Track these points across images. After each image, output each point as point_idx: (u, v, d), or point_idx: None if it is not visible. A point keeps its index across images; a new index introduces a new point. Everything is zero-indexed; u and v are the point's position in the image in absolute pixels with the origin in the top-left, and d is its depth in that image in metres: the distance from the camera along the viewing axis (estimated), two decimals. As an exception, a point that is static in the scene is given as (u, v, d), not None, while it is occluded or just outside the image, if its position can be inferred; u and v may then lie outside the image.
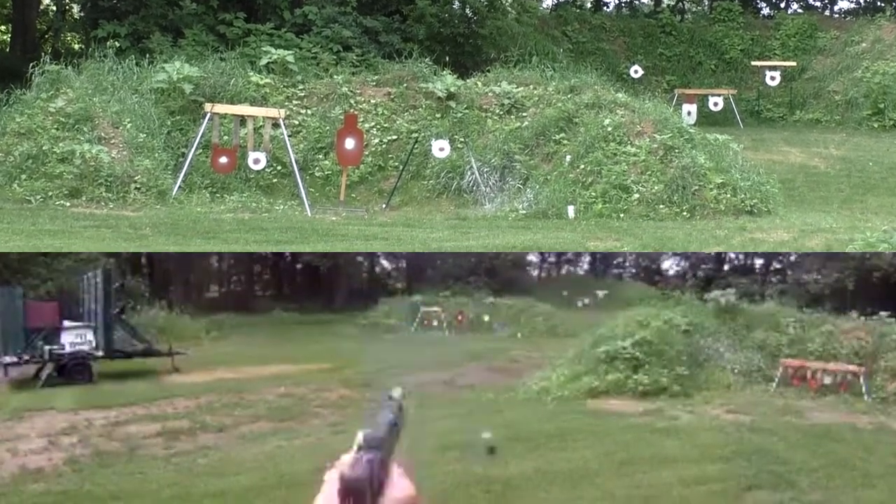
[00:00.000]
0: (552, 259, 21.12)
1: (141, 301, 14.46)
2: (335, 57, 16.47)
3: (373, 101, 14.32)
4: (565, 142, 12.91)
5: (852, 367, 8.50)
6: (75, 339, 9.59)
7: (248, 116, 12.53)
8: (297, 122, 13.81)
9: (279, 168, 13.02)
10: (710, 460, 5.94)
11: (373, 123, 14.06)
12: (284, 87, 14.30)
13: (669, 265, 20.30)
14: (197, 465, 5.90)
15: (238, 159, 12.20)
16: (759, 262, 19.29)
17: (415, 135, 13.58)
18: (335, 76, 14.80)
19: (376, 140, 13.78)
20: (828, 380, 8.50)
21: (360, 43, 17.67)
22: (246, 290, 18.80)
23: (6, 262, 10.81)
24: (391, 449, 1.12)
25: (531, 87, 14.39)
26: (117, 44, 15.03)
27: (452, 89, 14.20)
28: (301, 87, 14.46)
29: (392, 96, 14.42)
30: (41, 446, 6.37)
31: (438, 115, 14.09)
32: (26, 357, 9.38)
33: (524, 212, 11.55)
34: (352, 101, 14.25)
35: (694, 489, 5.23)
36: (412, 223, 10.89)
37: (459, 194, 12.79)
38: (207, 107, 12.39)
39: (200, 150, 12.40)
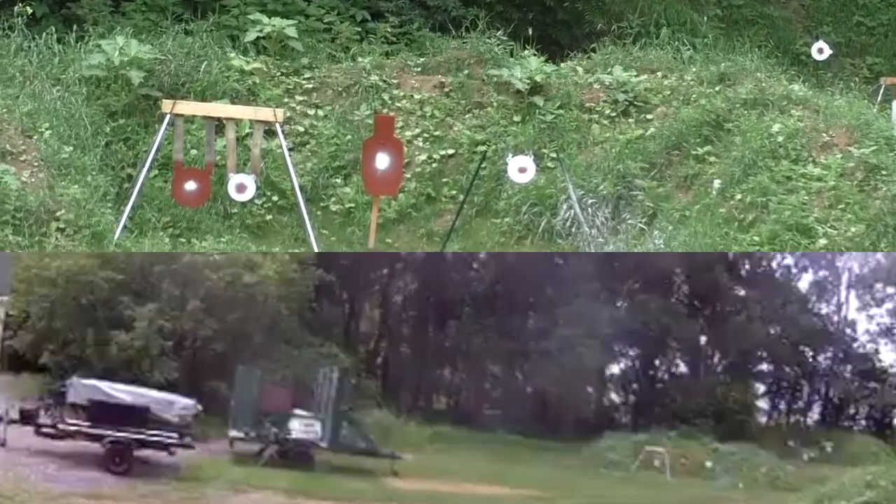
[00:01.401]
0: (782, 406, 20.28)
1: (371, 402, 15.48)
2: (359, 29, 12.45)
3: (418, 97, 11.33)
4: (712, 159, 10.25)
5: None
6: (303, 427, 10.64)
7: (228, 120, 9.75)
8: (302, 129, 11.02)
9: (276, 199, 10.41)
10: None
11: (418, 130, 11.20)
12: (283, 75, 11.26)
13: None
14: None
15: (213, 185, 9.71)
16: None
17: (482, 148, 10.86)
18: (360, 58, 11.57)
19: (423, 156, 10.99)
20: None
21: (398, 7, 13.27)
22: (474, 406, 19.69)
23: (250, 344, 12.14)
24: None
25: (659, 74, 11.41)
26: (30, 9, 11.11)
27: (539, 78, 11.11)
28: (308, 75, 11.34)
29: (447, 89, 11.43)
30: (254, 523, 7.20)
31: (518, 119, 11.23)
32: (253, 435, 10.56)
33: None
34: (385, 97, 11.30)
35: None
36: (480, 283, 9.39)
37: (551, 238, 10.32)
38: (166, 106, 9.57)
39: (156, 172, 9.99)
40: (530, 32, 12.20)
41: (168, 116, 9.63)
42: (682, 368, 15.44)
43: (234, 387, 11.19)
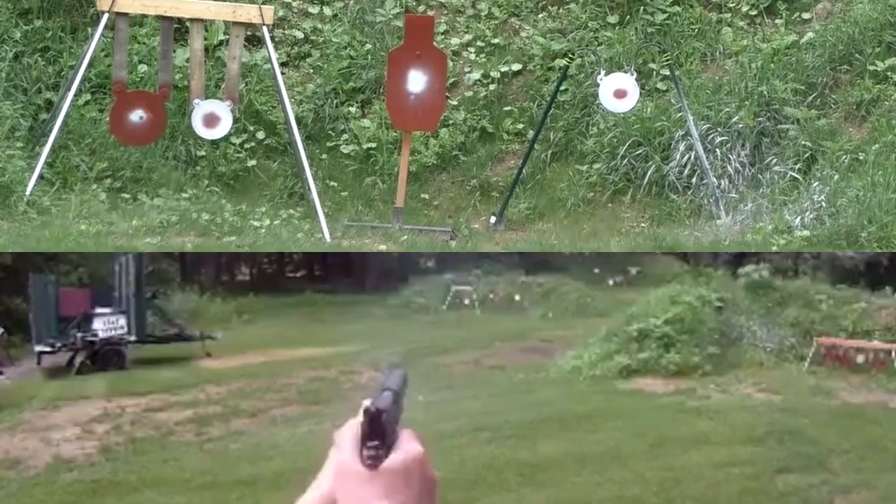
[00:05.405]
0: None
1: (172, 285, 15.39)
2: None
3: (467, -10, 8.04)
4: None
5: (885, 345, 9.06)
6: (108, 325, 10.48)
7: (192, 22, 7.04)
8: (301, 36, 8.26)
9: (262, 136, 7.82)
10: (741, 442, 6.56)
11: (468, 37, 8.26)
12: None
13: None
14: (229, 450, 6.63)
15: (171, 116, 7.36)
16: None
17: (561, 62, 7.92)
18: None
19: (476, 75, 8.12)
20: (860, 358, 9.08)
21: None
22: (276, 271, 20.02)
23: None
24: (398, 414, 1.16)
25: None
26: None
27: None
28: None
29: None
30: (74, 435, 7.19)
31: (613, 20, 8.14)
32: (59, 345, 10.32)
33: (805, 232, 6.65)
34: (423, -12, 8.11)
35: (725, 471, 5.92)
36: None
37: (661, 193, 7.53)
38: (103, 1, 6.85)
39: (88, 97, 7.50)
40: None
41: (105, 16, 6.84)
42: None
43: (31, 299, 10.69)
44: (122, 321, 10.69)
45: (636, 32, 8.06)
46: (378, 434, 1.12)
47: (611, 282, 18.43)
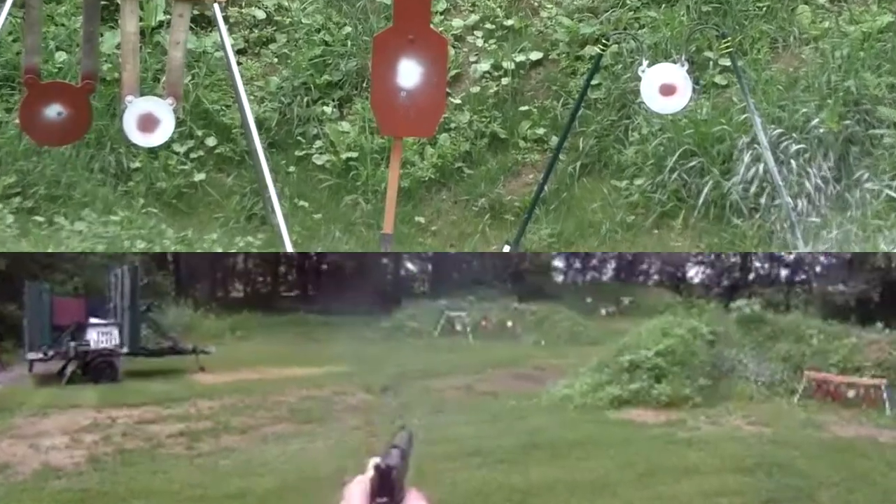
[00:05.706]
0: (577, 265, 22.11)
1: (167, 299, 15.47)
2: None
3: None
4: None
5: (875, 381, 9.09)
6: (101, 336, 10.52)
7: None
8: (262, 16, 7.06)
9: (213, 143, 6.65)
10: (731, 472, 6.59)
11: (475, 17, 6.96)
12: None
13: (694, 273, 20.92)
14: (219, 465, 6.61)
15: (97, 116, 6.18)
16: (784, 271, 19.93)
17: (592, 50, 6.57)
18: None
19: (485, 66, 6.86)
20: (850, 393, 9.13)
21: None
22: (271, 290, 20.15)
23: (34, 257, 11.80)
24: (405, 472, 1.19)
25: None
26: None
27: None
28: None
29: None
30: (64, 443, 7.20)
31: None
32: (52, 353, 10.36)
33: None
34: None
35: (714, 501, 5.94)
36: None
37: (721, 216, 6.31)
38: None
39: None
40: None
41: (11, -7, 5.30)
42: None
43: (25, 305, 10.75)
44: (116, 333, 10.71)
45: (688, 12, 6.59)
46: (387, 490, 1.17)
47: (603, 311, 18.61)
